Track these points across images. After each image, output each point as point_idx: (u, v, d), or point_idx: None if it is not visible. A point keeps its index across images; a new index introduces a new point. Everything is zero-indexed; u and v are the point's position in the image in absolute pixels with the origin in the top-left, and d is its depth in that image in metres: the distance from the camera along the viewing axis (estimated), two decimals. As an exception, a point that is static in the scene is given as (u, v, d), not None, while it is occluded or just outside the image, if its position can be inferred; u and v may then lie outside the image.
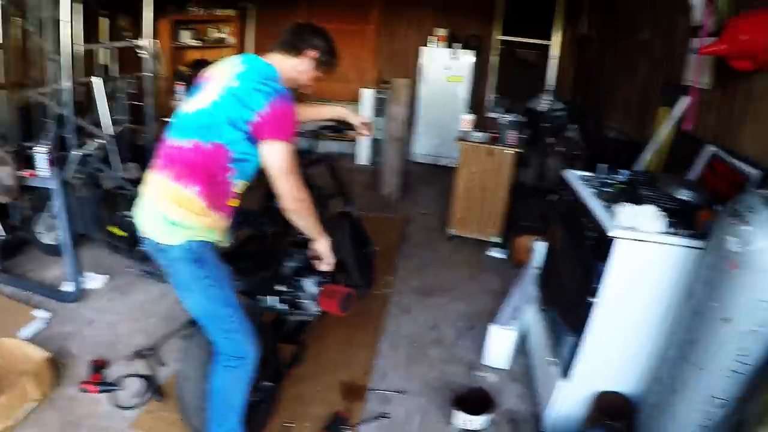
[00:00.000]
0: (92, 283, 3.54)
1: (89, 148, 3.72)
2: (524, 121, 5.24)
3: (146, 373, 2.72)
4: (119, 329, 3.11)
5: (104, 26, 5.96)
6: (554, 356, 2.60)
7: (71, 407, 2.47)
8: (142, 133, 4.77)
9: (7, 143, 3.59)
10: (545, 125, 5.48)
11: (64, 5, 3.63)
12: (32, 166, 3.25)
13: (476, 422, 2.49)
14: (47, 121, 3.85)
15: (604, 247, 2.13)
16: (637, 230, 2.08)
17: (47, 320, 3.10)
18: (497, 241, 4.68)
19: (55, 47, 3.83)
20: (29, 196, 3.63)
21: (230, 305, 1.94)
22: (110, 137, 4.01)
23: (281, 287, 2.55)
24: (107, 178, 3.94)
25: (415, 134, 7.61)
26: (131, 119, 4.71)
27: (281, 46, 2.01)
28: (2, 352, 2.58)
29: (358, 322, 3.34)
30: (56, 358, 2.68)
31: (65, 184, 3.41)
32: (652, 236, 2.08)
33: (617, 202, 2.27)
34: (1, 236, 3.73)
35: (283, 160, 1.84)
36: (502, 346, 3.00)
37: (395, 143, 5.91)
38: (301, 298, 2.59)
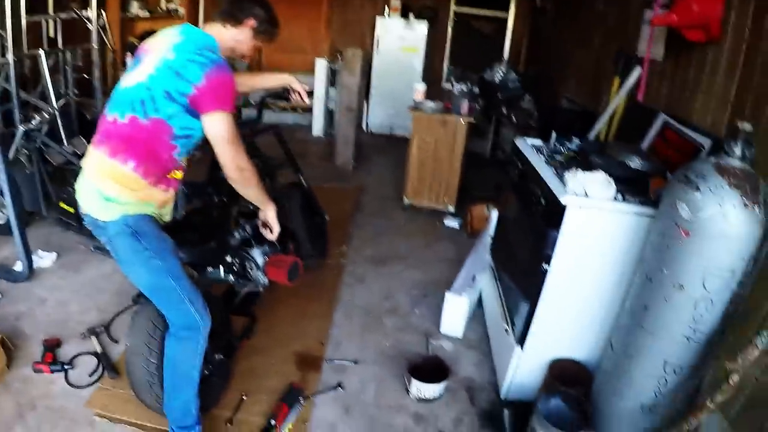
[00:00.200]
0: (43, 261, 3.42)
1: (34, 123, 3.53)
2: (478, 91, 5.23)
3: (99, 350, 2.65)
4: (71, 307, 3.03)
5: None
6: (509, 324, 2.62)
7: (25, 388, 2.42)
8: (93, 107, 4.57)
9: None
10: (499, 96, 5.50)
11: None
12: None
13: (431, 390, 2.50)
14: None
15: (555, 214, 2.14)
16: (587, 197, 2.09)
17: (-2, 301, 3.01)
18: (452, 210, 4.69)
19: (-2, 20, 3.57)
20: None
21: (174, 276, 1.90)
22: (56, 111, 3.81)
23: (229, 258, 2.49)
24: (54, 153, 3.76)
25: (370, 105, 7.52)
26: (79, 93, 4.50)
27: (221, 15, 1.97)
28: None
29: (311, 293, 3.30)
30: (8, 338, 2.61)
31: (9, 160, 3.25)
32: (603, 203, 2.09)
33: (568, 169, 2.28)
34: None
35: (223, 130, 1.82)
36: (457, 314, 3.01)
37: (348, 113, 5.81)
38: (249, 268, 2.54)
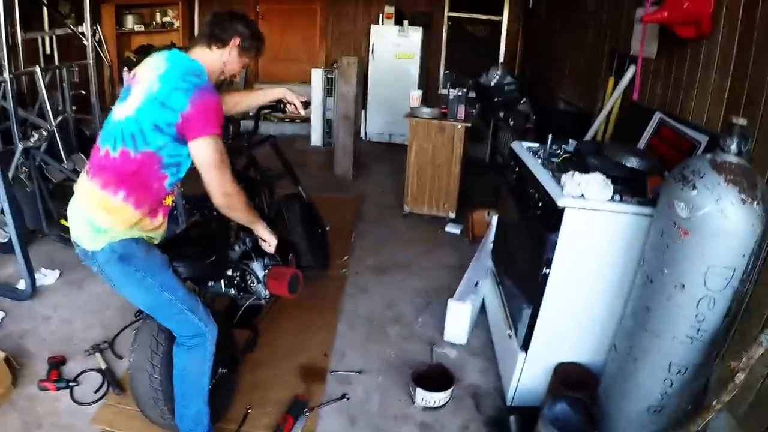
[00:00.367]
0: (46, 278, 3.44)
1: (33, 140, 3.55)
2: (474, 95, 5.23)
3: (103, 367, 2.66)
4: (75, 324, 3.04)
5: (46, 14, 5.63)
6: (513, 329, 2.60)
7: (31, 406, 2.42)
8: (91, 123, 4.59)
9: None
10: (496, 99, 5.49)
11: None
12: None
13: (437, 398, 2.49)
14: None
15: (554, 217, 2.12)
16: (585, 199, 2.08)
17: (1, 319, 3.01)
18: (453, 216, 4.67)
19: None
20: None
21: (169, 289, 1.91)
22: (54, 128, 3.82)
23: (229, 272, 2.49)
24: (54, 170, 3.78)
25: (368, 113, 7.52)
26: (77, 109, 4.52)
27: (205, 39, 1.96)
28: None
29: (314, 304, 3.29)
30: (13, 357, 2.62)
31: (9, 178, 3.27)
32: (601, 204, 2.08)
33: (565, 171, 2.26)
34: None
35: (209, 155, 1.82)
36: (461, 321, 2.99)
37: (346, 122, 5.82)
38: (250, 281, 2.54)
